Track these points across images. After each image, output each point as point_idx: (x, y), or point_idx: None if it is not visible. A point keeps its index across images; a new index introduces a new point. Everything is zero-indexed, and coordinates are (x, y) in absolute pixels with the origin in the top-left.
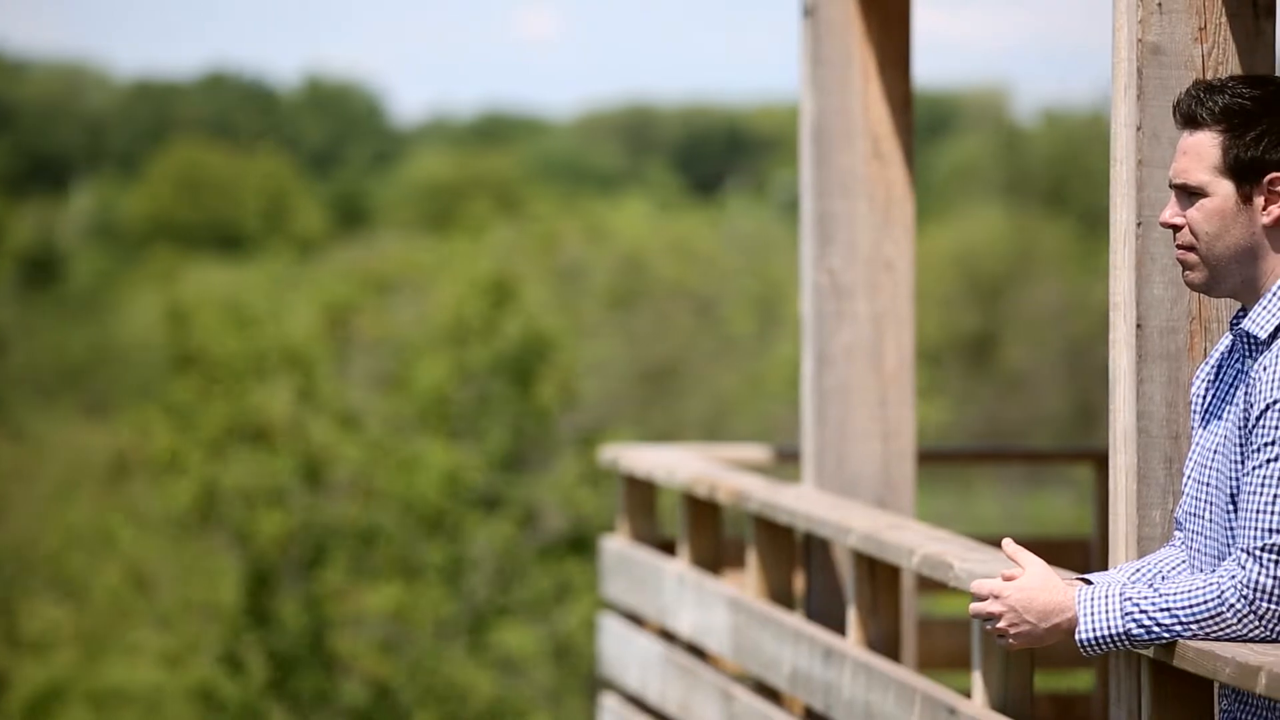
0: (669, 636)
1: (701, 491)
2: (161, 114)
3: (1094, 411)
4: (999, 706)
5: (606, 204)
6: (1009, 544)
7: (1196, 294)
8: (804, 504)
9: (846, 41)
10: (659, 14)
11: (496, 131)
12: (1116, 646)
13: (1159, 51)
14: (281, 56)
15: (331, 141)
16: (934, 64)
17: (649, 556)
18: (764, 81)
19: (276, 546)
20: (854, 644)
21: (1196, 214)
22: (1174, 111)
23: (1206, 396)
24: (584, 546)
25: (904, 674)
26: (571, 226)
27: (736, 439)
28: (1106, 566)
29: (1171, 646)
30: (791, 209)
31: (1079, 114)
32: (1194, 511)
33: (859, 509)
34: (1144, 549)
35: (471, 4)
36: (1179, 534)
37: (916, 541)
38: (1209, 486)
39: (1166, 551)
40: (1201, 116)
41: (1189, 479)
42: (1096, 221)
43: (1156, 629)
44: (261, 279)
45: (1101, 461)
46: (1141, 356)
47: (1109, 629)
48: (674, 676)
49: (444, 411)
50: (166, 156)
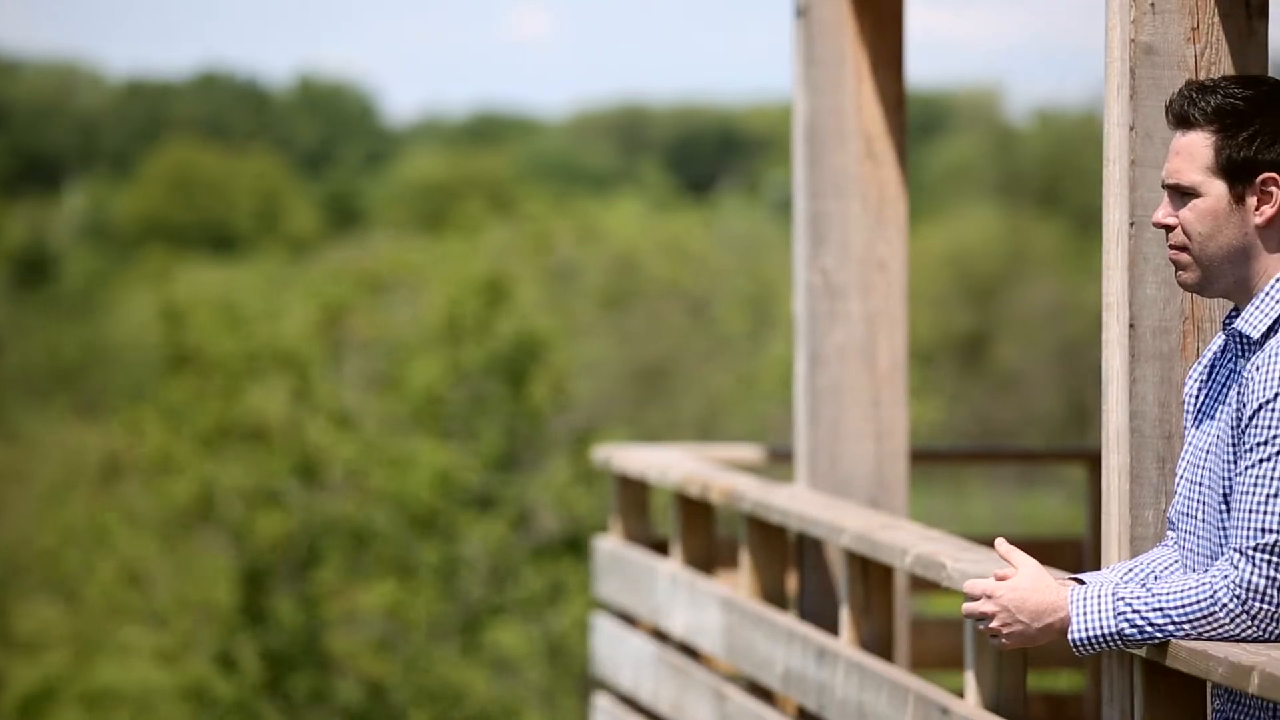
0: (662, 636)
1: (694, 491)
2: (154, 114)
3: (1087, 411)
4: (992, 706)
5: (599, 204)
6: (1002, 544)
7: (1189, 294)
8: (797, 504)
9: (839, 42)
10: (652, 14)
11: (489, 131)
12: (1109, 646)
13: (1152, 51)
14: (274, 56)
15: (324, 141)
16: (927, 64)
17: (642, 556)
18: (757, 81)
19: (272, 546)
20: (847, 644)
21: (1189, 214)
22: (1167, 112)
23: (1199, 396)
24: (577, 546)
25: (897, 674)
26: (564, 226)
27: (729, 439)
28: (1099, 566)
29: (1164, 646)
30: (784, 209)
31: (1072, 114)
32: (1186, 511)
33: (852, 509)
34: (1136, 549)
35: (464, 4)
36: (1171, 534)
37: (909, 541)
38: (1202, 486)
39: (1159, 551)
40: (1194, 117)
41: (1181, 479)
42: (1089, 221)
43: (1149, 629)
44: (255, 279)
45: (1094, 461)
46: (1134, 356)
47: (1102, 629)
48: (667, 676)
49: (437, 411)
50: (159, 156)
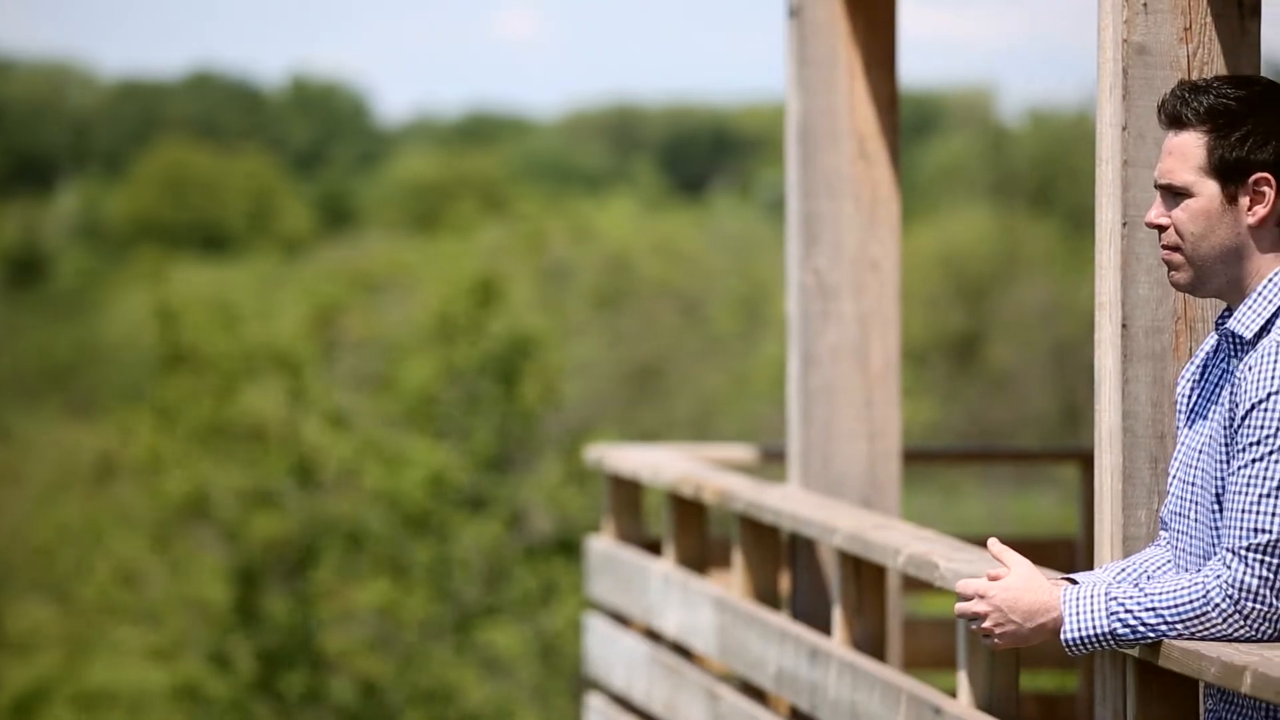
0: (655, 636)
1: (687, 491)
2: (147, 114)
3: (1080, 411)
4: (984, 706)
5: (592, 204)
6: (994, 544)
7: (1182, 294)
8: (789, 504)
9: (832, 42)
10: (644, 14)
11: (482, 131)
12: (1102, 646)
13: (1144, 51)
14: (267, 56)
15: (317, 141)
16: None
17: (634, 556)
18: (750, 81)
19: (266, 545)
20: (839, 644)
21: (1182, 214)
22: (1159, 112)
23: (1192, 396)
24: (570, 546)
25: (889, 674)
26: (557, 226)
27: (722, 439)
28: (1092, 566)
29: (1157, 646)
30: (777, 209)
31: (1065, 114)
32: (1179, 511)
33: (844, 509)
34: (1129, 549)
35: (457, 4)
36: (1164, 533)
37: (902, 541)
38: (1194, 486)
39: (1152, 551)
40: (1187, 117)
41: (1174, 478)
42: (1082, 221)
43: (1142, 629)
44: (248, 279)
45: (1087, 461)
46: (1127, 356)
47: (1094, 629)
48: (659, 676)
49: (431, 411)
50: (152, 156)
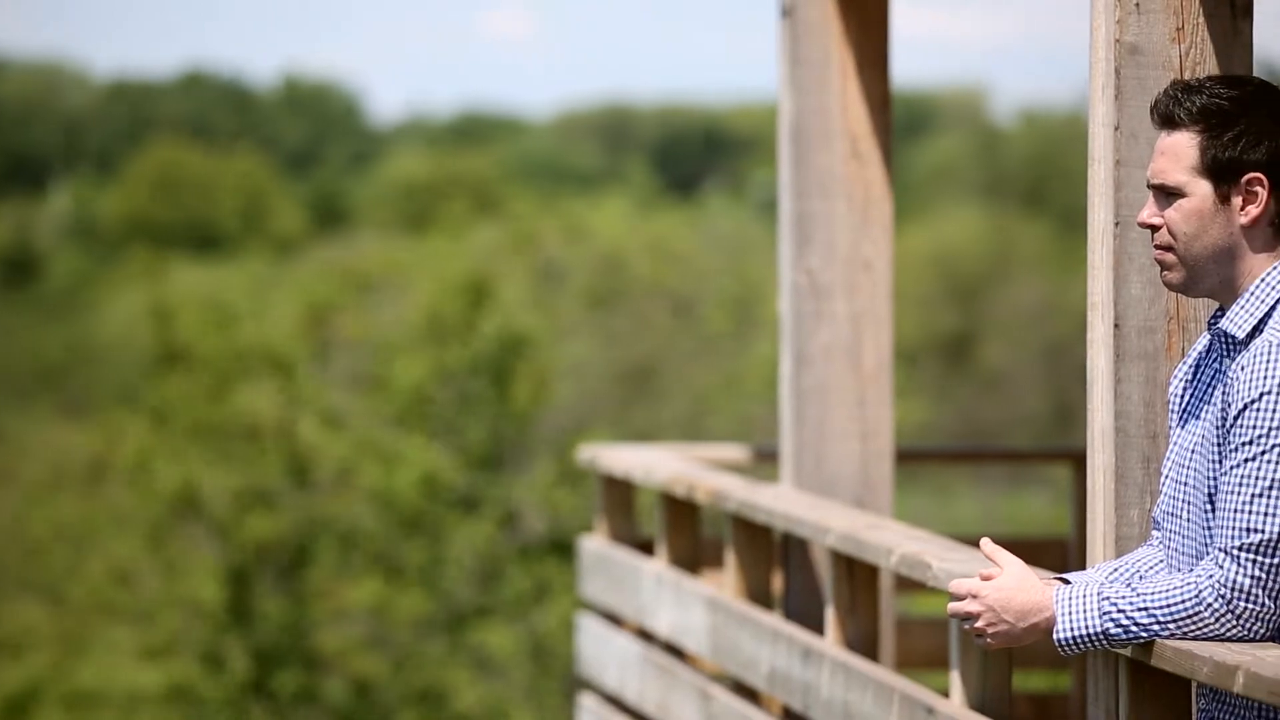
0: (647, 636)
1: (680, 491)
2: (139, 114)
3: (1072, 411)
4: (977, 706)
5: (585, 203)
6: (987, 544)
7: (1174, 294)
8: (782, 504)
9: (825, 42)
10: (637, 14)
11: (474, 131)
12: (1094, 646)
13: (1137, 51)
14: (259, 56)
15: (309, 141)
16: (912, 64)
17: (627, 556)
18: (742, 81)
19: (259, 545)
20: (832, 644)
21: (1174, 214)
22: (1152, 112)
23: (1184, 396)
24: (562, 546)
25: (882, 673)
26: (550, 226)
27: (715, 439)
28: (1084, 566)
29: (1149, 646)
30: (770, 209)
31: (1057, 114)
32: (1172, 511)
33: (837, 509)
34: (1122, 548)
35: (449, 4)
36: (1156, 533)
37: (895, 541)
38: (1187, 486)
39: (1144, 551)
40: (1179, 117)
41: (1167, 478)
42: (1074, 221)
43: (1134, 628)
44: (240, 278)
45: (1079, 461)
46: (1119, 356)
47: (1087, 628)
48: (652, 676)
49: (424, 411)
50: (144, 156)
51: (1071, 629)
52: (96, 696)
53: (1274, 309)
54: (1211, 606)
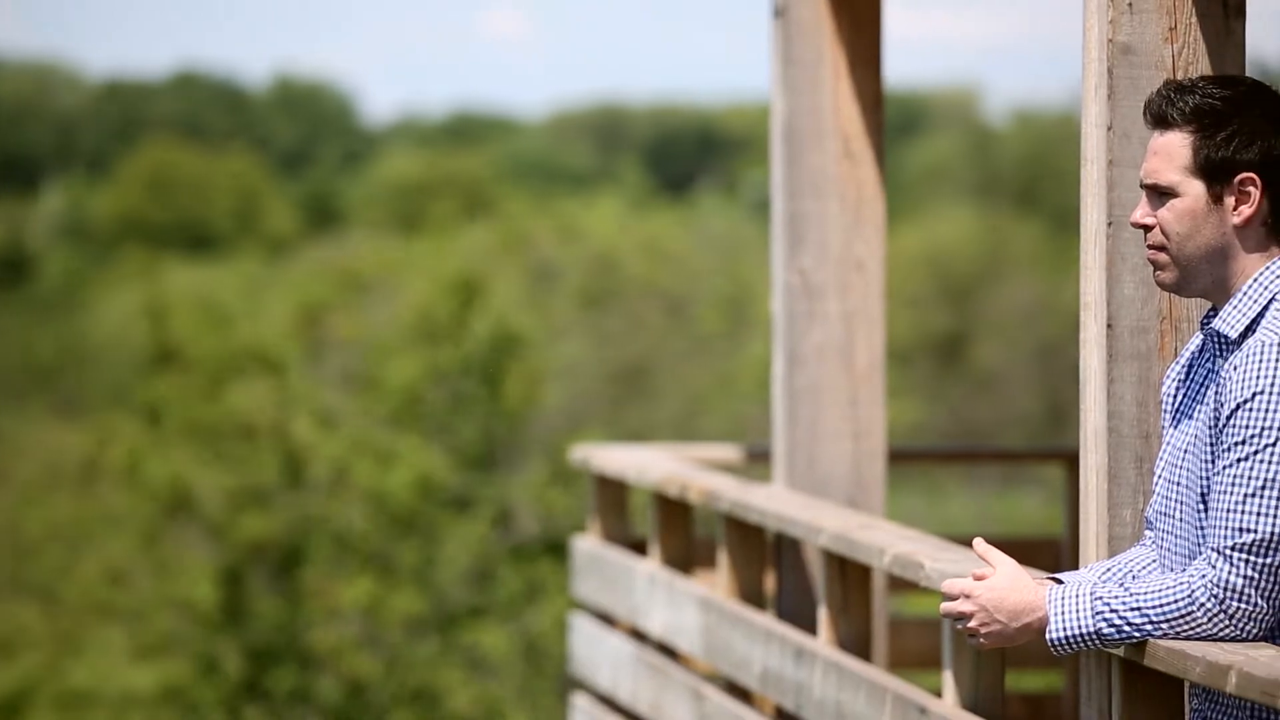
0: (640, 636)
1: (673, 491)
2: (132, 114)
3: (1065, 411)
4: (970, 706)
5: (578, 203)
6: (980, 543)
7: (1167, 294)
8: (775, 504)
9: (817, 41)
10: (629, 14)
11: (467, 131)
12: (1087, 646)
13: (1129, 51)
14: (252, 56)
15: (302, 141)
16: (905, 64)
17: (620, 556)
18: (735, 81)
19: (253, 544)
20: (825, 644)
21: (1167, 214)
22: (1145, 112)
23: (1177, 396)
24: (555, 546)
25: (875, 674)
26: (543, 226)
27: (707, 439)
28: (1077, 566)
29: (1142, 646)
30: (762, 209)
31: (1050, 114)
32: (1164, 511)
33: (830, 509)
34: (1115, 548)
35: (443, 4)
36: (1149, 533)
37: (887, 541)
38: (1180, 486)
39: (1137, 551)
40: (1172, 117)
41: (1159, 478)
42: (1067, 221)
43: (1127, 628)
44: (233, 278)
45: (1072, 461)
46: (1112, 356)
47: (1080, 628)
48: (645, 676)
49: (416, 411)
50: (137, 156)
51: (1064, 629)
52: (90, 697)
53: (1267, 309)
54: (1204, 606)
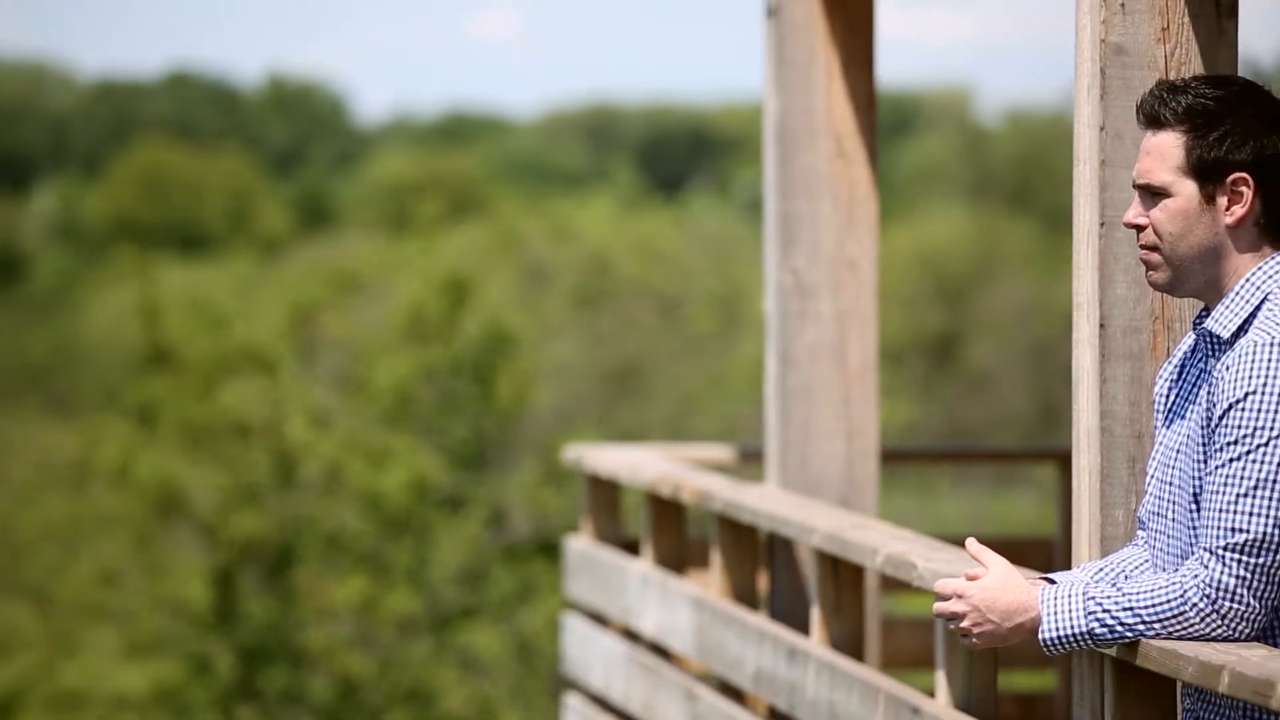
0: (633, 636)
1: (665, 491)
2: (124, 114)
3: (1057, 411)
4: (962, 706)
5: (571, 203)
6: (972, 543)
7: (1159, 294)
8: (768, 504)
9: (810, 42)
10: (622, 13)
11: (460, 131)
12: (1079, 646)
13: (1122, 52)
14: (244, 56)
15: (295, 141)
16: (897, 64)
17: (613, 556)
18: (727, 81)
19: (246, 544)
20: (818, 644)
21: (1160, 214)
22: (1137, 112)
23: (1169, 396)
24: (548, 547)
25: (868, 674)
26: (536, 226)
27: (700, 439)
28: (1070, 566)
29: (1134, 646)
30: (755, 209)
31: (1042, 114)
32: (1157, 511)
33: (823, 508)
34: (1107, 548)
35: (435, 4)
36: (1142, 533)
37: (880, 541)
38: (1172, 486)
39: (1129, 551)
40: (1165, 117)
41: (1152, 478)
42: (1060, 221)
43: (1120, 628)
44: (226, 278)
45: (1065, 461)
46: (1105, 356)
47: (1072, 628)
48: (638, 676)
49: (408, 411)
50: (129, 156)
51: (1057, 629)
52: (82, 697)
53: (1259, 309)
54: (1197, 606)
